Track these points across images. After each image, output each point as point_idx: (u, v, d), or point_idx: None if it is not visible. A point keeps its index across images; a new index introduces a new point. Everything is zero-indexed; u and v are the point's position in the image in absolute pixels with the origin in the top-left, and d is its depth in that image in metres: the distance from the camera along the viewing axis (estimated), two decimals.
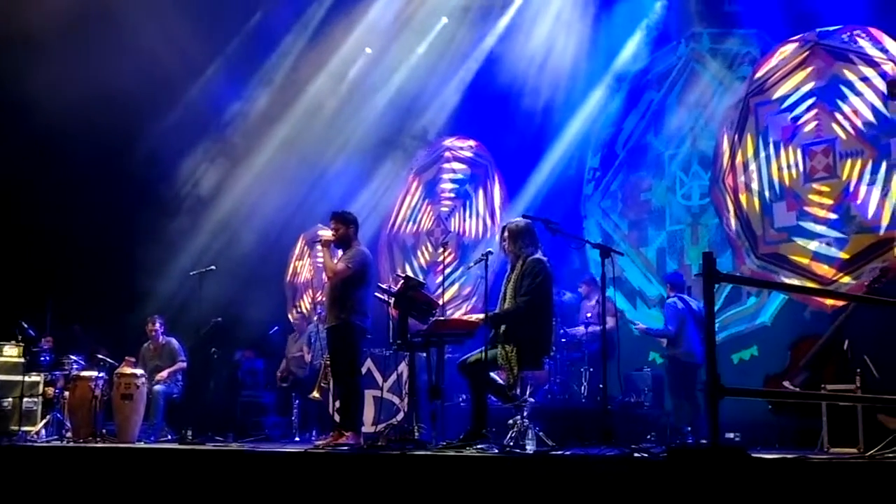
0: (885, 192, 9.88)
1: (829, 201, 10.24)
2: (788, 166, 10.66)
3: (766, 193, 10.81)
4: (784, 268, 10.49)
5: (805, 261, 10.35)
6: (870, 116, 10.10)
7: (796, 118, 10.67)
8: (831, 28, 10.59)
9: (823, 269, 10.17)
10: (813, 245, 10.31)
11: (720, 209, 11.21)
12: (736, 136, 11.16)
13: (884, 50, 10.07)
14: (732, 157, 11.13)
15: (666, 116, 12.01)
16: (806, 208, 10.44)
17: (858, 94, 10.21)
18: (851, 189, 10.09)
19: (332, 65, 14.20)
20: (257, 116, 14.75)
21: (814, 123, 10.50)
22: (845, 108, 10.28)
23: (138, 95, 12.78)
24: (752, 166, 10.95)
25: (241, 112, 14.88)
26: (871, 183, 9.97)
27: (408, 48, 13.93)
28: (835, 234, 10.16)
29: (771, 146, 10.82)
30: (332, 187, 14.03)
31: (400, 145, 14.43)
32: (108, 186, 13.81)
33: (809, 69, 10.66)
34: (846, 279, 9.94)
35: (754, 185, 10.91)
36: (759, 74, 11.13)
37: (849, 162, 10.18)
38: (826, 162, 10.33)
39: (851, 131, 10.21)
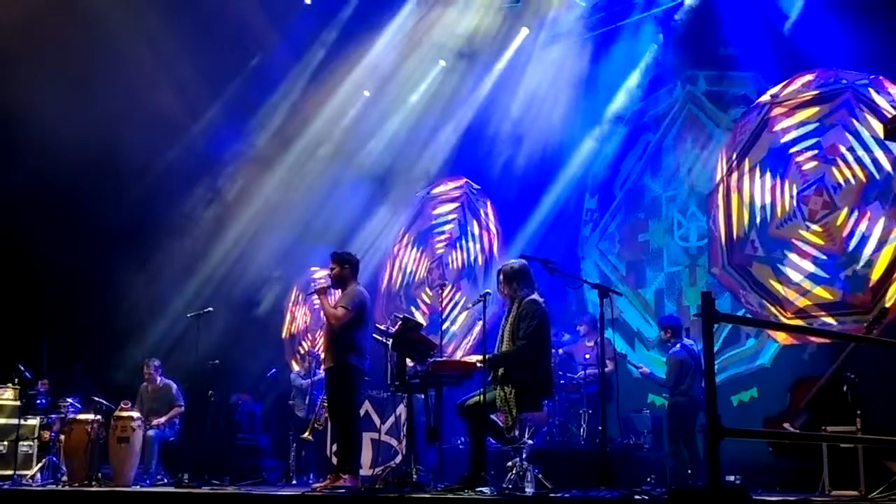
0: (892, 202, 9.84)
1: (840, 235, 10.14)
2: (786, 220, 10.60)
3: (774, 255, 10.66)
4: (820, 314, 10.22)
5: (837, 299, 10.15)
6: (853, 141, 10.17)
7: (782, 172, 10.68)
8: (775, 89, 10.85)
9: (858, 300, 9.96)
10: (837, 284, 10.12)
11: (734, 291, 10.92)
12: (726, 218, 11.11)
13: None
14: (729, 237, 11.05)
15: (663, 158, 12.05)
16: (817, 252, 10.32)
17: (837, 124, 10.29)
18: (858, 213, 10.04)
19: (330, 108, 14.27)
20: (255, 157, 14.80)
21: (799, 170, 10.53)
22: (826, 144, 10.38)
23: (136, 137, 12.84)
24: (753, 235, 10.86)
25: (239, 153, 14.92)
26: (878, 199, 9.92)
27: (405, 92, 14.01)
28: (851, 266, 10.04)
29: (767, 208, 10.76)
30: (330, 228, 14.04)
31: (397, 188, 14.45)
32: (105, 227, 13.81)
33: (772, 127, 10.83)
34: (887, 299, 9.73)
35: (760, 253, 10.79)
36: (729, 152, 11.24)
37: (844, 190, 10.18)
38: (822, 200, 10.33)
39: (840, 162, 10.25)
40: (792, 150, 10.66)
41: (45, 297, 13.82)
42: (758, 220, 10.85)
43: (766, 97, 11.03)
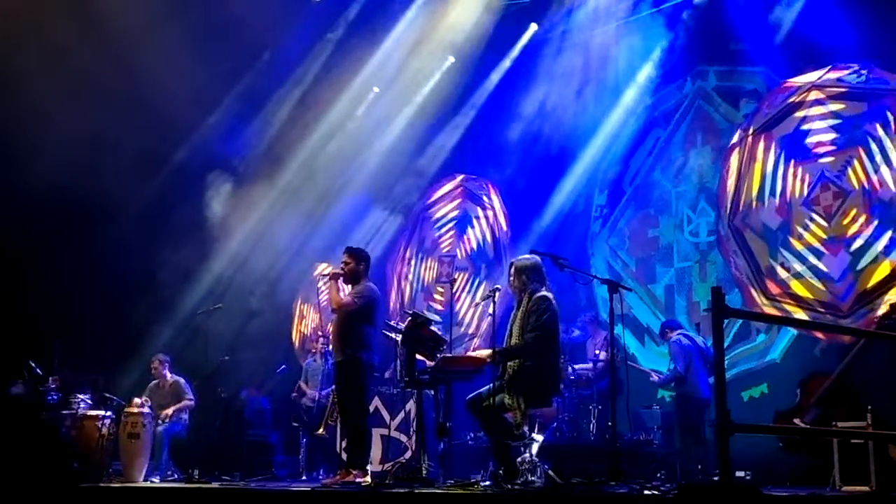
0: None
1: (863, 216, 10.05)
2: (804, 227, 10.49)
3: (805, 266, 10.48)
4: (876, 294, 9.95)
5: (882, 276, 9.92)
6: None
7: (784, 186, 10.70)
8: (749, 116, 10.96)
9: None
10: (879, 259, 9.92)
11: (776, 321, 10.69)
12: (747, 256, 11.00)
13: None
14: (757, 273, 10.87)
15: (672, 154, 12.03)
16: (852, 242, 10.16)
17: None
18: (869, 186, 9.97)
19: (339, 105, 14.25)
20: (264, 154, 14.78)
21: (797, 179, 10.55)
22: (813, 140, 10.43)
23: (144, 137, 12.83)
24: (781, 258, 10.68)
25: (248, 151, 14.91)
26: (883, 161, 9.90)
27: (413, 88, 13.99)
28: (886, 233, 9.90)
29: (778, 230, 10.71)
30: (341, 223, 14.03)
31: (404, 185, 14.43)
32: (113, 226, 13.81)
33: (754, 154, 10.96)
34: None
35: (794, 270, 10.58)
36: (725, 196, 11.25)
37: (849, 169, 10.15)
38: (831, 192, 10.29)
39: (833, 154, 10.26)
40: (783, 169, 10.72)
41: (56, 296, 13.82)
42: (779, 241, 10.74)
43: (746, 129, 11.12)
